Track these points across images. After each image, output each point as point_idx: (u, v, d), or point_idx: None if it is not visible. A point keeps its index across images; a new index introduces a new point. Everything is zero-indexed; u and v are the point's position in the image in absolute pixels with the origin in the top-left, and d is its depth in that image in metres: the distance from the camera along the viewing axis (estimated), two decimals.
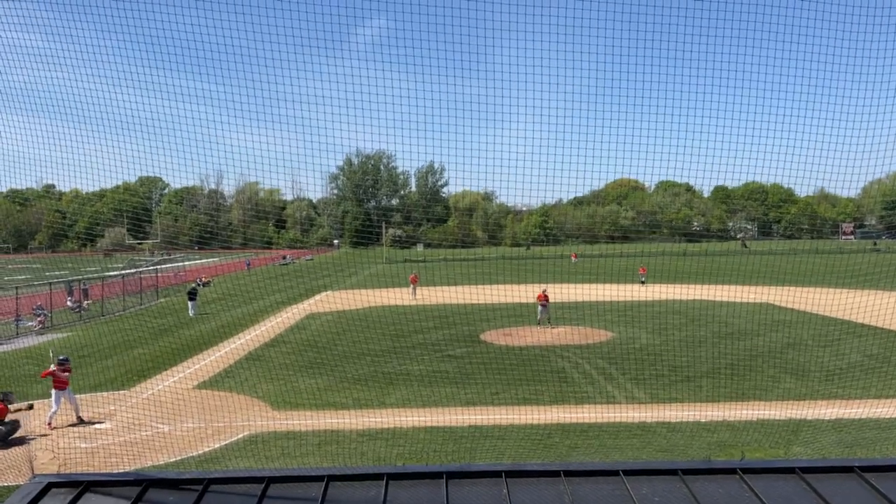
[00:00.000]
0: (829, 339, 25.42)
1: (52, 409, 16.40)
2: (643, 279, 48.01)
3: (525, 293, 30.12)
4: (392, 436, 14.84)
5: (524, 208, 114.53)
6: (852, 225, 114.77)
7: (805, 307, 31.13)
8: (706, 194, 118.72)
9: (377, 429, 15.31)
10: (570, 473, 5.09)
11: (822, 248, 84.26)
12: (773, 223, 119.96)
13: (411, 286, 43.20)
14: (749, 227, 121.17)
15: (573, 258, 71.32)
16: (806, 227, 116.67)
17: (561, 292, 34.04)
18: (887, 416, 15.58)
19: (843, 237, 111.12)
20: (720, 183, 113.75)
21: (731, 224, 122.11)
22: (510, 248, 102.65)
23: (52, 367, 16.79)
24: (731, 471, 5.16)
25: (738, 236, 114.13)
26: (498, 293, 31.09)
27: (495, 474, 5.14)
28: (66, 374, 16.81)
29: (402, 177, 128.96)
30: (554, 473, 5.12)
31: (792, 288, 34.86)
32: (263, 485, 4.92)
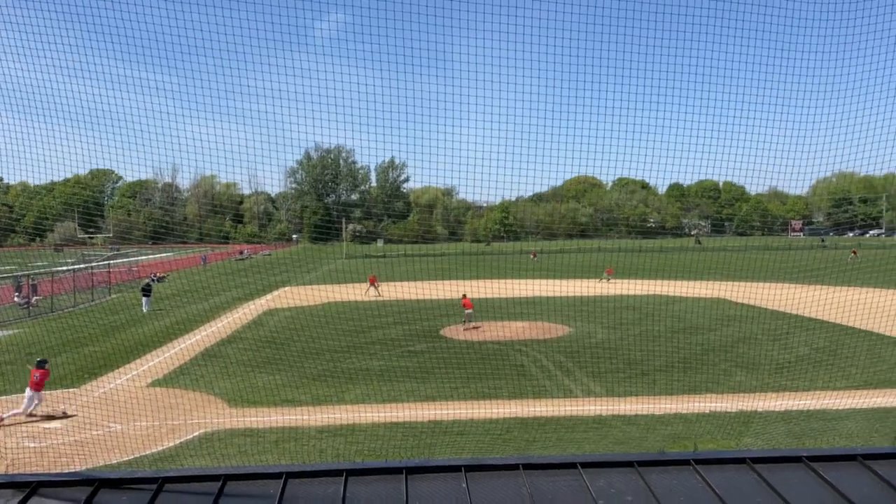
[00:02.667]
0: (778, 334, 26.22)
1: (17, 410, 16.09)
2: (608, 278, 48.37)
3: (487, 288, 30.29)
4: (351, 432, 14.78)
5: (485, 204, 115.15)
6: (801, 222, 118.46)
7: (756, 302, 32.05)
8: (661, 192, 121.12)
9: (336, 425, 15.22)
10: (528, 467, 5.14)
11: (772, 244, 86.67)
12: (725, 220, 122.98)
13: (370, 286, 42.87)
14: (703, 224, 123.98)
15: (532, 257, 71.63)
16: (757, 224, 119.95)
17: (520, 288, 34.33)
18: (834, 408, 16.14)
19: (793, 234, 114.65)
20: (675, 180, 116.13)
21: (685, 221, 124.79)
22: (471, 245, 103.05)
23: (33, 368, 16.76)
24: (685, 462, 5.28)
25: (692, 233, 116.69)
26: (458, 289, 31.18)
27: (455, 469, 5.15)
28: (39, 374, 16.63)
29: (362, 172, 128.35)
30: (513, 467, 5.16)
31: (744, 283, 35.81)
32: (220, 483, 4.84)
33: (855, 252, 64.17)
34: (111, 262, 53.79)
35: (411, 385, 18.92)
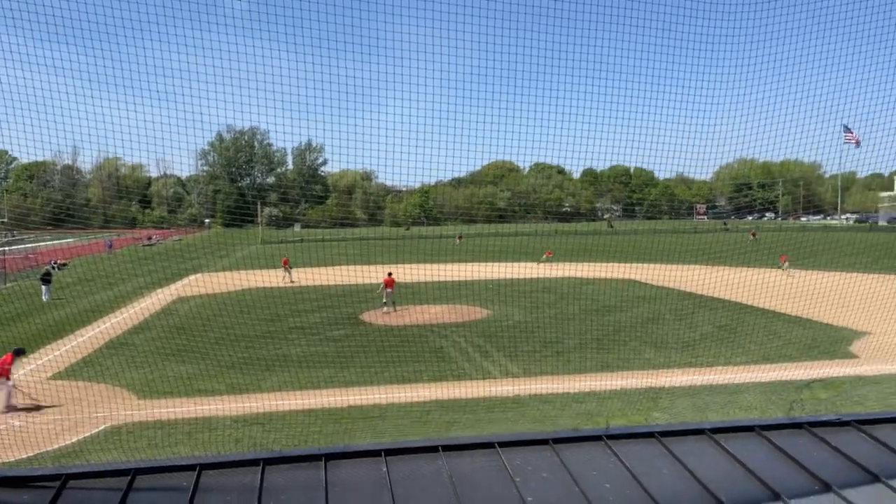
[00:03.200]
0: (684, 313, 27.55)
1: None
2: (548, 260, 48.92)
3: (407, 273, 30.26)
4: (269, 420, 14.51)
5: (404, 188, 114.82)
6: (705, 206, 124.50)
7: (664, 283, 33.53)
8: (576, 177, 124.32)
9: (253, 414, 14.91)
10: (448, 448, 5.20)
11: (679, 227, 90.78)
12: (636, 205, 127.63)
13: (284, 269, 42.06)
14: (615, 208, 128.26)
15: (458, 240, 71.79)
16: (665, 208, 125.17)
17: (440, 272, 34.53)
18: (735, 382, 17.15)
19: (698, 217, 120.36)
20: (589, 166, 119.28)
21: (598, 205, 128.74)
22: (390, 229, 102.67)
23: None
24: (597, 438, 5.48)
25: (605, 217, 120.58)
26: (379, 274, 31.04)
27: (375, 453, 5.15)
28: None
29: (277, 154, 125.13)
30: (433, 449, 5.20)
31: (653, 265, 37.40)
32: (129, 477, 4.65)
33: (754, 234, 67.99)
34: (6, 248, 50.35)
35: (331, 371, 18.75)
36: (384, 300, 29.09)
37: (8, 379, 15.79)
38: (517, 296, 32.31)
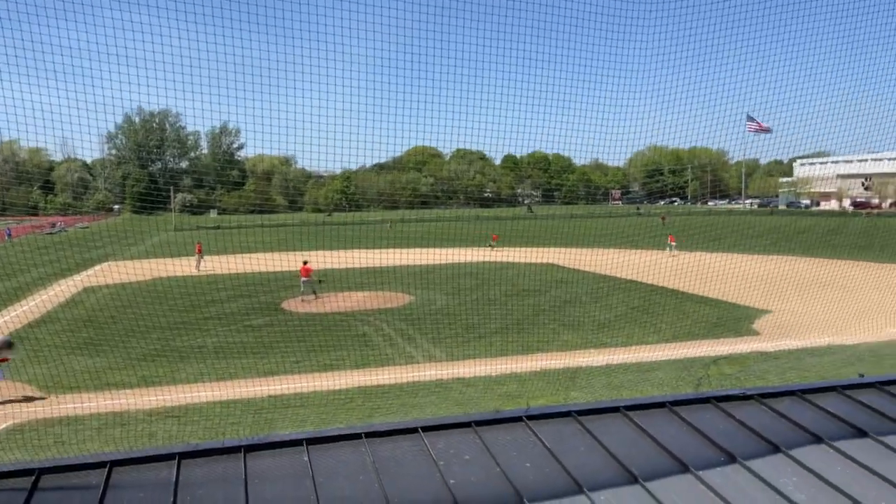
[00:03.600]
0: (600, 295, 28.47)
1: None
2: (494, 245, 49.04)
3: (329, 259, 29.84)
4: (185, 413, 14.06)
5: (325, 174, 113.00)
6: (620, 191, 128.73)
7: (581, 266, 34.49)
8: (497, 162, 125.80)
9: (168, 407, 14.41)
10: (371, 435, 5.19)
11: (595, 212, 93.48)
12: (554, 190, 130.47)
13: (197, 256, 40.65)
14: (534, 193, 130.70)
15: (389, 226, 71.59)
16: (582, 193, 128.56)
17: (363, 258, 34.25)
18: (647, 360, 17.88)
19: (613, 202, 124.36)
20: (509, 152, 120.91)
21: (518, 190, 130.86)
22: (312, 215, 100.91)
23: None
24: (518, 419, 5.60)
25: (525, 202, 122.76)
26: (300, 260, 30.48)
27: (296, 443, 5.08)
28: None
29: (191, 138, 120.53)
30: (355, 436, 5.18)
31: (570, 249, 38.36)
32: (33, 477, 4.40)
33: (664, 218, 70.89)
34: None
35: (250, 361, 18.33)
36: (302, 289, 28.65)
37: None
38: (439, 280, 32.48)
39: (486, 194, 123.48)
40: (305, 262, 28.81)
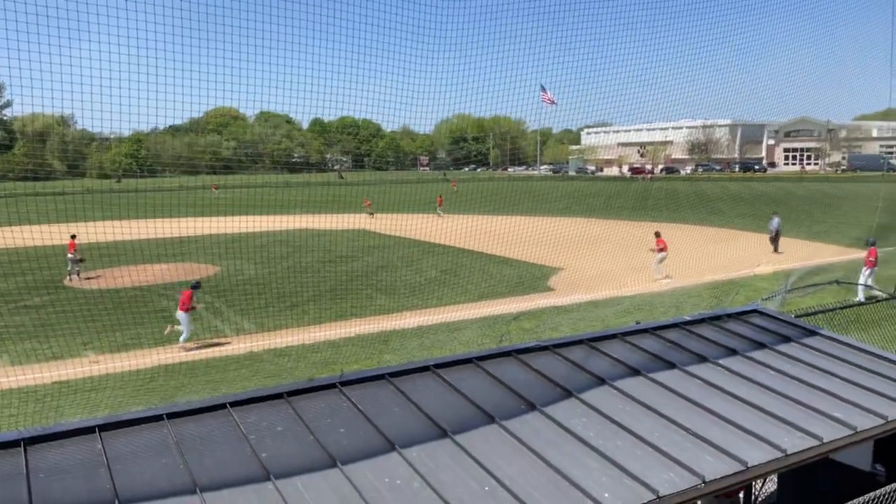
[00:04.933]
0: (411, 259, 29.17)
1: None
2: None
3: (121, 230, 27.31)
4: None
5: (112, 135, 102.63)
6: (427, 158, 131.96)
7: (393, 232, 35.03)
8: (305, 127, 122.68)
9: None
10: (173, 415, 4.91)
11: (405, 178, 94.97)
12: (364, 156, 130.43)
13: None
14: (344, 159, 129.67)
15: (214, 189, 67.18)
16: (392, 159, 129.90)
17: (161, 228, 31.87)
18: (456, 320, 18.71)
19: (421, 168, 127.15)
20: (317, 116, 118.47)
21: (328, 156, 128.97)
22: (98, 181, 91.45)
23: None
24: (332, 386, 5.60)
25: (335, 168, 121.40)
26: (89, 232, 27.55)
27: (87, 430, 4.67)
28: None
29: None
30: (156, 418, 4.88)
31: (382, 215, 38.76)
32: None
33: (455, 184, 74.61)
34: None
35: (29, 345, 16.37)
36: (68, 267, 26.10)
37: None
38: (249, 250, 31.23)
39: (294, 159, 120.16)
40: (73, 237, 26.13)
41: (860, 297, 17.75)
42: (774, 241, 30.44)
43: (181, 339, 16.45)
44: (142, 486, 4.14)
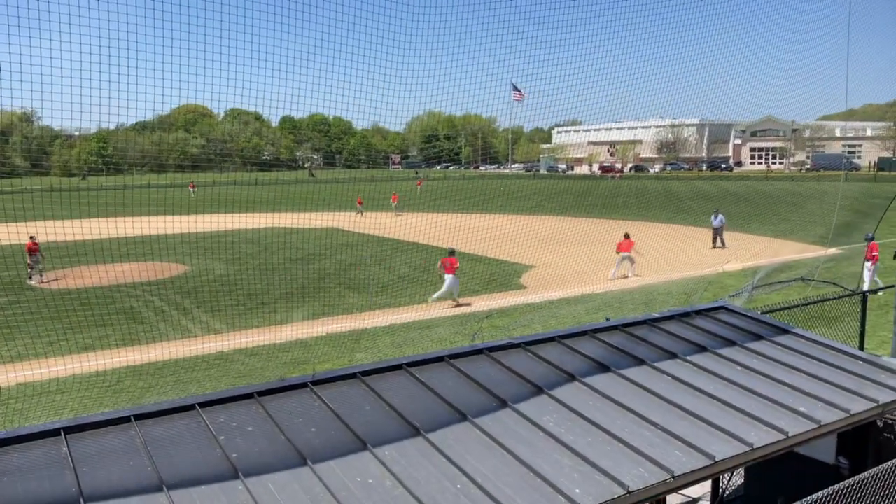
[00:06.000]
0: (383, 257, 29.09)
1: None
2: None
3: (88, 228, 26.75)
4: None
5: (76, 132, 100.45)
6: (399, 156, 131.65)
7: (363, 230, 34.89)
8: (275, 124, 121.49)
9: None
10: (141, 417, 4.83)
11: (376, 176, 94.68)
12: (335, 153, 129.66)
13: None
14: (315, 157, 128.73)
15: (191, 188, 66.21)
16: (363, 157, 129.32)
17: (128, 227, 31.28)
18: (428, 318, 18.71)
19: (393, 166, 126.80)
20: (287, 113, 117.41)
21: (299, 154, 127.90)
22: (62, 179, 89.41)
23: None
24: (303, 385, 5.56)
25: (306, 165, 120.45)
26: (56, 230, 26.92)
27: (52, 433, 4.58)
28: None
29: None
30: (123, 420, 4.80)
31: (353, 213, 38.55)
32: None
33: (420, 182, 74.81)
34: None
35: None
36: (29, 270, 25.49)
37: None
38: (217, 248, 30.83)
39: (264, 157, 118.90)
40: (32, 238, 25.50)
41: (865, 286, 18.66)
42: (716, 237, 31.70)
43: (434, 295, 19.09)
44: (108, 489, 4.07)
